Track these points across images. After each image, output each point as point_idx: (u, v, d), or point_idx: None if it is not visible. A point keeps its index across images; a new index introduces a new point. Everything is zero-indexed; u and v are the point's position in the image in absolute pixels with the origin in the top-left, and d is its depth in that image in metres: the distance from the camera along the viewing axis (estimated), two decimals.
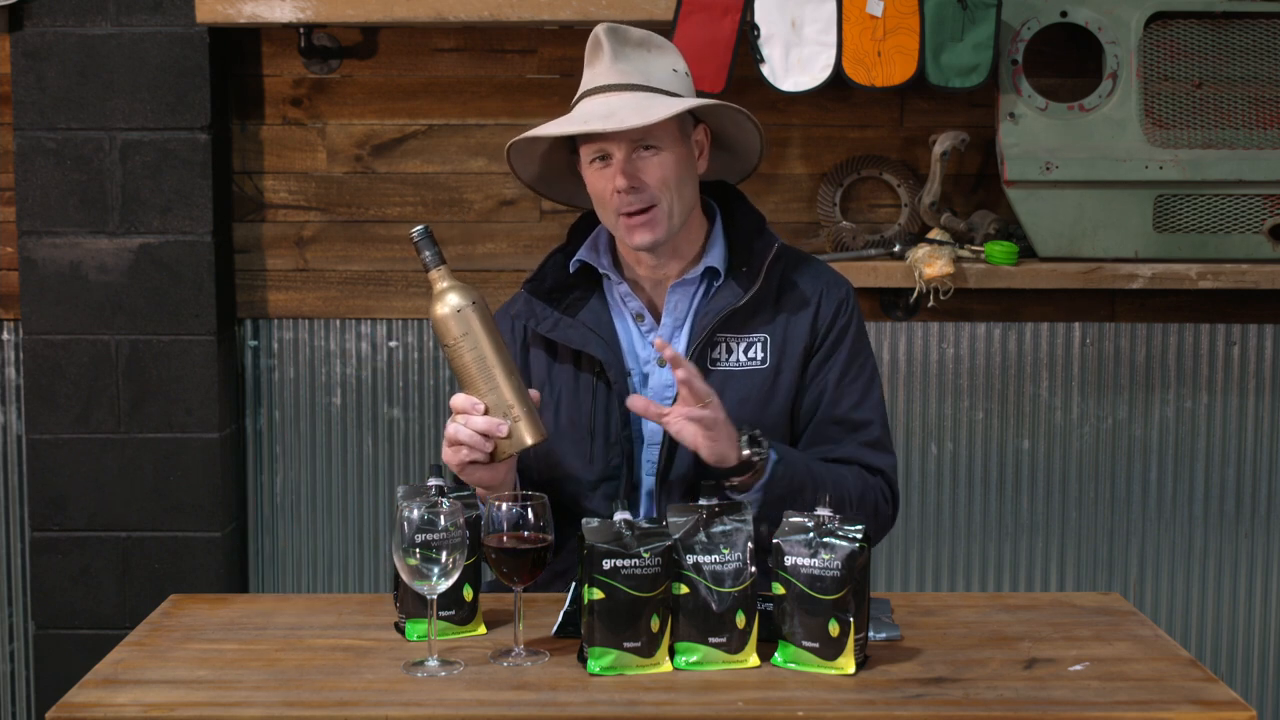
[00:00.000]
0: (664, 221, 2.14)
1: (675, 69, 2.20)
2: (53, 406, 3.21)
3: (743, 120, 2.23)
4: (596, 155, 2.16)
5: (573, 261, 2.25)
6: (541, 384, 2.23)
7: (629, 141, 2.12)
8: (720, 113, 2.22)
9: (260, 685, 1.75)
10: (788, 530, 1.79)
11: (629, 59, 2.16)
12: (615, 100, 2.13)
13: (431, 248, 1.98)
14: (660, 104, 2.13)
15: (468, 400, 1.97)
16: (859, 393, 2.22)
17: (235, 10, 3.06)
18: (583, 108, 2.17)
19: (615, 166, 2.13)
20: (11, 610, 3.39)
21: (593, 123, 2.10)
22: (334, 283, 3.31)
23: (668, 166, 2.14)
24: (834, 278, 2.28)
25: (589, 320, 2.22)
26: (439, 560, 1.76)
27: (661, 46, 2.21)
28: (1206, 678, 1.77)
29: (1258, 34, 3.12)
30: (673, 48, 2.23)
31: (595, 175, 2.17)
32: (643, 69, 2.17)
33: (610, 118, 2.10)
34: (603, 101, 2.14)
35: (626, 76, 2.15)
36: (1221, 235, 3.10)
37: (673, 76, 2.19)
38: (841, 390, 2.21)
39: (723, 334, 2.19)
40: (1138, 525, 3.32)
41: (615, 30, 2.18)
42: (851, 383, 2.22)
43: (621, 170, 2.12)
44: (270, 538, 3.37)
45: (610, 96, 2.14)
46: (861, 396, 2.23)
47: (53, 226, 3.18)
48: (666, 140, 2.14)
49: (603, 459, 2.19)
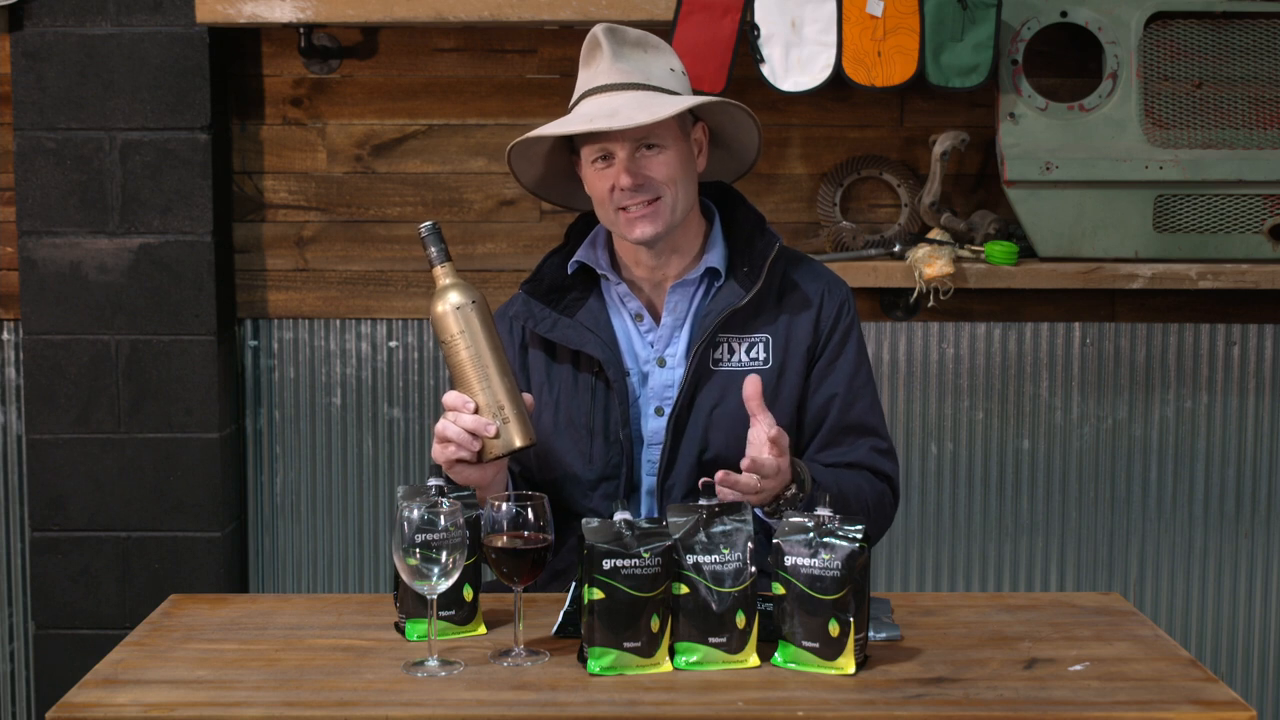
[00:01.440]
0: (666, 215, 2.15)
1: (673, 68, 2.21)
2: (53, 406, 3.21)
3: (742, 119, 2.23)
4: (599, 155, 2.16)
5: (571, 262, 2.25)
6: (540, 384, 2.24)
7: (632, 141, 2.13)
8: (719, 111, 2.22)
9: (260, 685, 1.75)
10: (788, 530, 1.79)
11: (628, 58, 2.17)
12: (618, 99, 2.13)
13: (438, 244, 1.99)
14: (663, 102, 2.13)
15: (459, 398, 1.97)
16: (868, 398, 2.25)
17: (235, 10, 3.06)
18: (584, 108, 2.17)
19: (618, 166, 2.13)
20: (11, 610, 3.39)
21: (598, 121, 2.10)
22: (334, 283, 3.31)
23: (670, 164, 2.15)
24: (834, 279, 2.28)
25: (587, 320, 2.22)
26: (439, 560, 1.76)
27: (658, 46, 2.22)
28: (1206, 678, 1.77)
29: (1258, 34, 3.12)
30: (668, 47, 2.24)
31: (597, 175, 2.17)
32: (643, 68, 2.17)
33: (615, 116, 2.10)
34: (605, 101, 2.14)
35: (627, 75, 2.16)
36: (1221, 235, 3.10)
37: (671, 75, 2.20)
38: (853, 396, 2.23)
39: (724, 334, 2.19)
40: (1138, 525, 3.32)
41: (613, 30, 2.18)
42: (862, 388, 2.24)
43: (625, 169, 2.12)
44: (270, 538, 3.37)
45: (612, 96, 2.15)
46: (871, 402, 2.25)
47: (53, 226, 3.18)
48: (668, 139, 2.15)
49: (602, 459, 2.19)
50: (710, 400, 2.18)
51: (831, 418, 2.22)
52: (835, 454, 2.21)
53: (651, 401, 2.21)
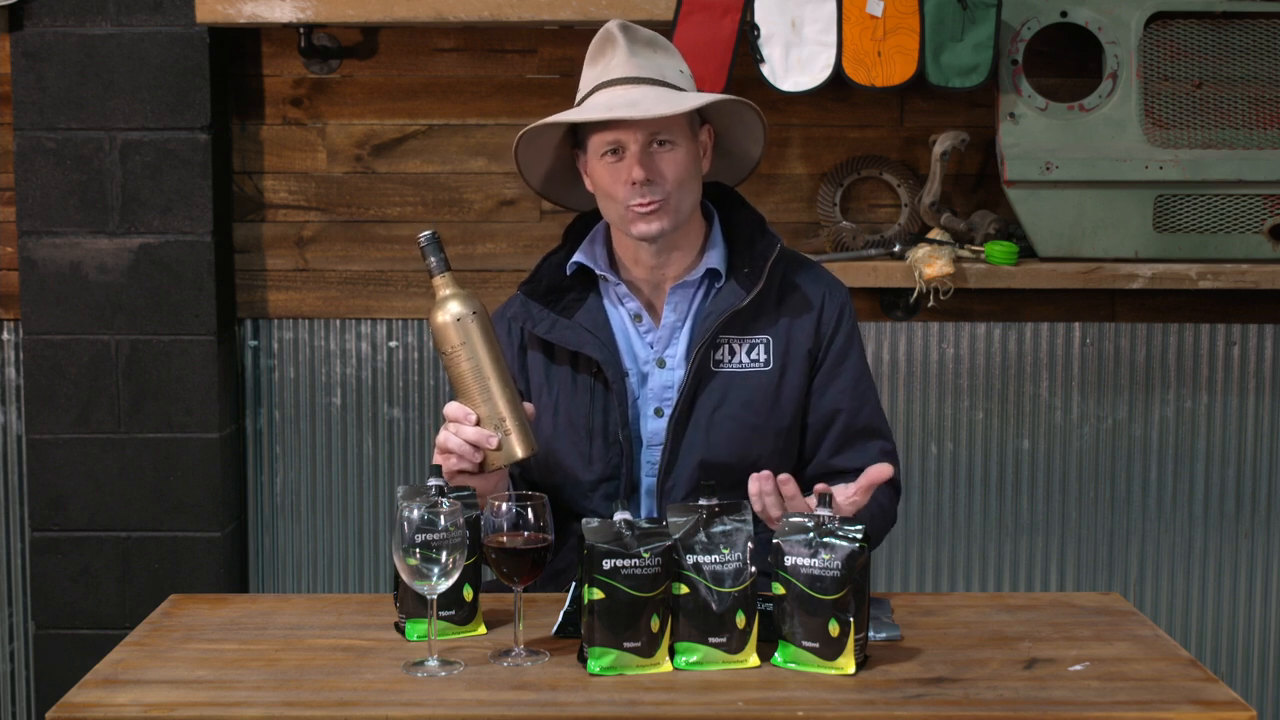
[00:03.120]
0: (672, 213, 2.15)
1: (681, 70, 2.22)
2: (53, 406, 3.21)
3: (751, 124, 2.24)
4: (609, 148, 2.15)
5: (570, 263, 2.24)
6: (540, 386, 2.23)
7: (646, 134, 2.13)
8: (726, 116, 2.22)
9: (260, 685, 1.75)
10: (788, 530, 1.79)
11: (643, 55, 2.18)
12: (635, 92, 2.13)
13: (438, 253, 1.98)
14: (679, 97, 2.14)
15: (460, 410, 1.98)
16: (874, 400, 2.27)
17: (235, 10, 3.06)
18: (599, 98, 2.16)
19: (631, 159, 2.13)
20: (11, 610, 3.39)
21: (618, 110, 2.10)
22: (334, 283, 3.31)
23: (681, 162, 2.15)
24: (834, 281, 2.29)
25: (585, 321, 2.22)
26: (439, 560, 1.76)
27: (667, 47, 2.23)
28: (1206, 678, 1.77)
29: (1258, 34, 3.12)
30: (677, 50, 2.26)
31: (606, 168, 2.16)
32: (657, 65, 2.18)
33: (636, 106, 2.10)
34: (622, 93, 2.14)
35: (643, 70, 2.16)
36: (1221, 235, 3.10)
37: (681, 76, 2.21)
38: (860, 399, 2.24)
39: (725, 335, 2.19)
40: (1138, 525, 3.32)
41: (628, 27, 2.19)
42: (867, 390, 2.26)
43: (639, 162, 2.12)
44: (270, 538, 3.37)
45: (630, 89, 2.14)
46: (875, 404, 2.27)
47: (53, 226, 3.18)
48: (680, 136, 2.15)
49: (602, 460, 2.19)
50: (711, 402, 2.18)
51: (842, 423, 2.23)
52: (847, 458, 2.22)
53: (651, 402, 2.21)
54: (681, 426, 2.18)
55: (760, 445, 2.19)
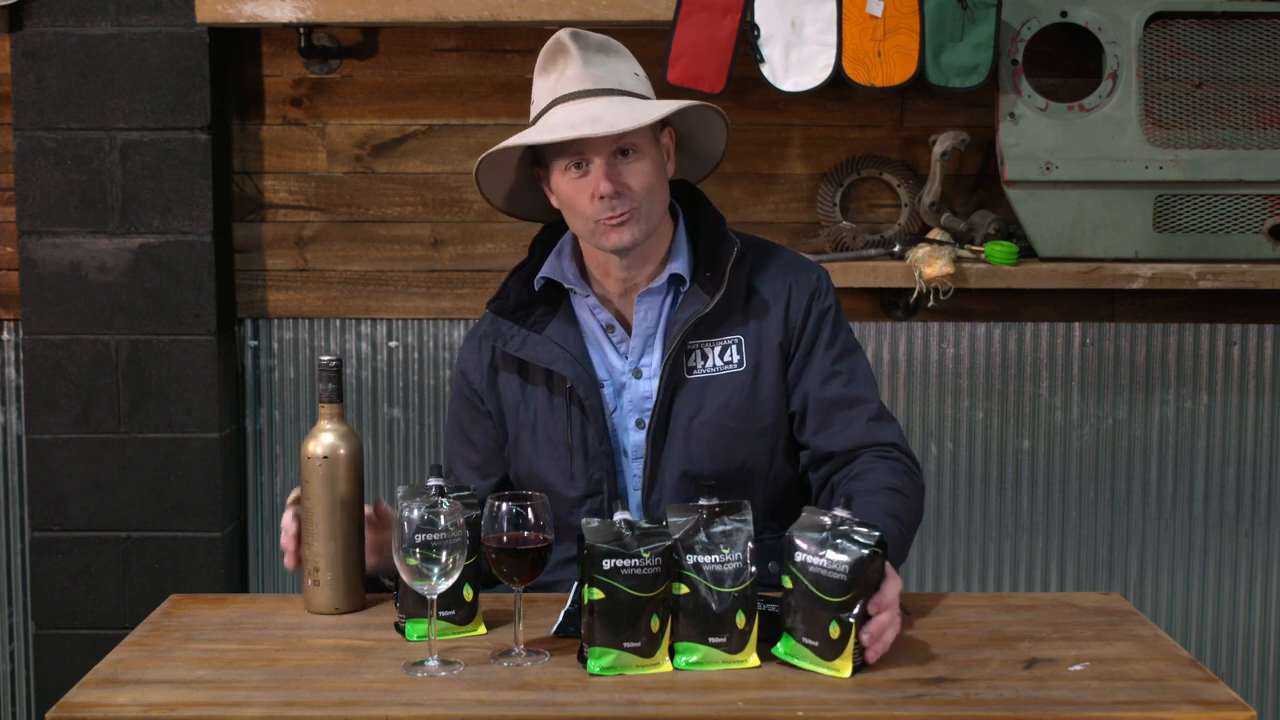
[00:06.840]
0: (643, 222, 2.11)
1: (636, 73, 2.17)
2: (53, 406, 3.21)
3: (713, 123, 2.20)
4: (573, 164, 2.10)
5: (537, 278, 2.20)
6: (515, 404, 2.21)
7: (610, 148, 2.08)
8: (688, 116, 2.18)
9: (260, 685, 1.75)
10: (804, 525, 1.79)
11: (597, 63, 2.12)
12: (594, 106, 2.08)
13: (330, 383, 1.98)
14: (641, 107, 2.10)
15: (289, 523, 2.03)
16: (851, 370, 2.19)
17: (235, 10, 3.06)
18: (557, 115, 2.11)
19: (597, 172, 2.08)
20: (11, 610, 3.39)
21: (582, 128, 2.04)
22: (334, 283, 3.31)
23: (647, 171, 2.11)
24: (802, 266, 2.23)
25: (556, 335, 2.18)
26: (439, 560, 1.76)
27: (619, 51, 2.17)
28: (1206, 678, 1.77)
29: (1258, 34, 3.12)
30: (628, 51, 2.19)
31: (570, 183, 2.11)
32: (613, 73, 2.13)
33: (598, 122, 2.05)
34: (581, 107, 2.09)
35: (600, 81, 2.11)
36: (1221, 235, 3.10)
37: (637, 80, 2.16)
38: (836, 372, 2.17)
39: (695, 341, 2.16)
40: (1138, 525, 3.32)
41: (579, 34, 2.14)
42: (843, 362, 2.19)
43: (605, 175, 2.08)
44: (270, 538, 3.37)
45: (588, 102, 2.09)
46: (854, 374, 2.19)
47: (53, 226, 3.18)
48: (645, 144, 2.11)
49: (584, 475, 2.17)
50: (688, 411, 2.15)
51: (819, 398, 2.16)
52: (830, 433, 2.16)
53: (631, 414, 2.18)
54: (660, 438, 2.15)
55: (744, 449, 2.16)
